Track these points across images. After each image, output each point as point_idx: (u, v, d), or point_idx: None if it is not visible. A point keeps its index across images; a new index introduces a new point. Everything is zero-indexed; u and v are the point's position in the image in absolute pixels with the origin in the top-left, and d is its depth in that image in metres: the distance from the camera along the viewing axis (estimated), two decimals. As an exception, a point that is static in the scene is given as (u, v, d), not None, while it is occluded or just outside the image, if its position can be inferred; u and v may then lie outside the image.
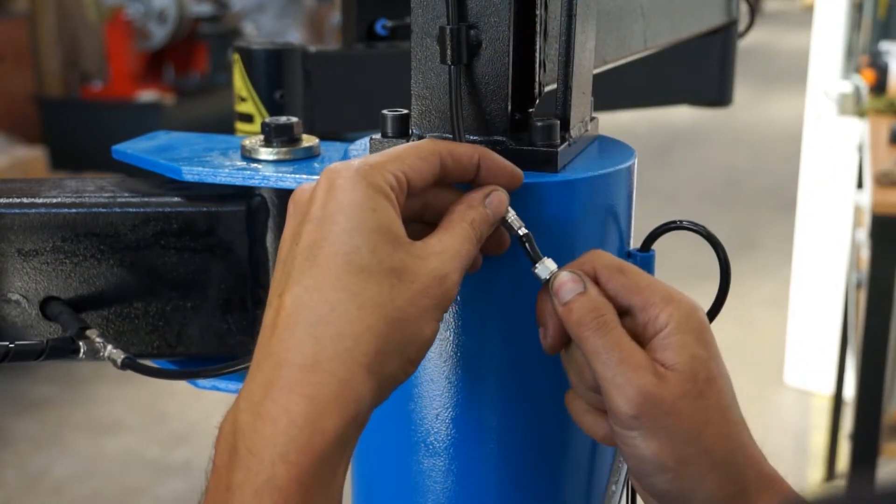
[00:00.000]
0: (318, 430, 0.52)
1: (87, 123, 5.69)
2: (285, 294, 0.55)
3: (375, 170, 0.57)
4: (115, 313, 0.82)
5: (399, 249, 0.56)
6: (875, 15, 4.19)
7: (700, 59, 1.51)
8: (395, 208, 0.57)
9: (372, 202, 0.56)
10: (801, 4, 15.81)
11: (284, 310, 0.55)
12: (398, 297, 0.55)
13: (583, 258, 0.63)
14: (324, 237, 0.55)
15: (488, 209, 0.61)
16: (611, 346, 0.60)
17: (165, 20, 5.82)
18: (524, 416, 0.69)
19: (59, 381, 4.07)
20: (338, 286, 0.54)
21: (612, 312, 0.61)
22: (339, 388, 0.53)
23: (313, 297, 0.54)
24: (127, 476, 3.48)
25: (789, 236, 4.22)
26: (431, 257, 0.57)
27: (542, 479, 0.71)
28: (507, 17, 0.64)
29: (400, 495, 0.72)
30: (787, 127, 8.15)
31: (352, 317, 0.54)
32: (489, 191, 0.61)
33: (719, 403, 0.60)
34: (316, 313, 0.54)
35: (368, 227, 0.55)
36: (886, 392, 2.73)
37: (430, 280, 0.56)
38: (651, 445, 0.59)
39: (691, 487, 0.60)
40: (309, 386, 0.53)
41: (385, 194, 0.56)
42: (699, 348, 0.60)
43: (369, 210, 0.55)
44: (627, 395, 0.59)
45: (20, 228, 0.80)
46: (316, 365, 0.53)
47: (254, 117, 1.25)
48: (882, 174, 2.72)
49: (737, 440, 0.61)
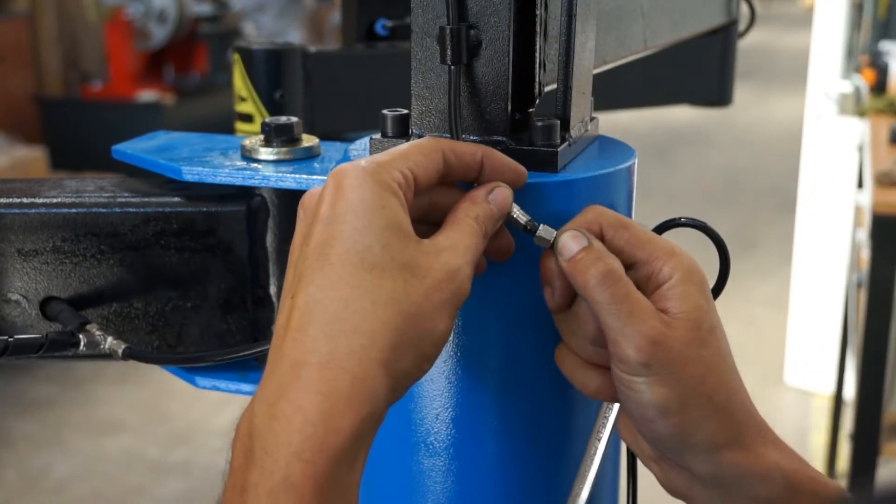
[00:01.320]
0: (333, 428, 0.52)
1: (87, 123, 5.70)
2: (297, 295, 0.55)
3: (383, 168, 0.57)
4: (115, 313, 0.82)
5: (410, 245, 0.56)
6: (875, 15, 4.19)
7: (700, 59, 1.51)
8: (404, 205, 0.57)
9: (381, 199, 0.56)
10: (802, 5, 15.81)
11: (297, 310, 0.55)
12: (413, 292, 0.55)
13: (587, 215, 0.64)
14: (334, 236, 0.55)
15: (492, 205, 0.61)
16: (618, 297, 0.61)
17: (165, 20, 5.82)
18: (524, 416, 0.69)
19: (60, 381, 4.07)
20: (352, 283, 0.54)
21: (617, 264, 0.62)
22: (353, 384, 0.52)
23: (327, 296, 0.54)
24: (127, 476, 3.48)
25: (789, 236, 4.22)
26: (442, 252, 0.57)
27: (542, 478, 0.71)
28: (507, 17, 0.64)
29: (400, 495, 0.72)
30: (788, 127, 8.16)
31: (367, 313, 0.54)
32: (492, 187, 0.62)
33: (720, 351, 0.63)
34: (330, 311, 0.54)
35: (379, 224, 0.55)
36: (886, 392, 2.73)
37: (442, 274, 0.56)
38: (657, 391, 0.61)
39: (691, 432, 0.62)
40: (324, 383, 0.52)
41: (393, 191, 0.56)
42: (702, 299, 0.62)
43: (378, 207, 0.55)
44: (637, 342, 0.60)
45: (20, 228, 0.80)
46: (331, 362, 0.53)
47: (254, 117, 1.25)
48: (882, 174, 2.72)
49: (734, 387, 0.63)
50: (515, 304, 0.67)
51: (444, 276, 0.56)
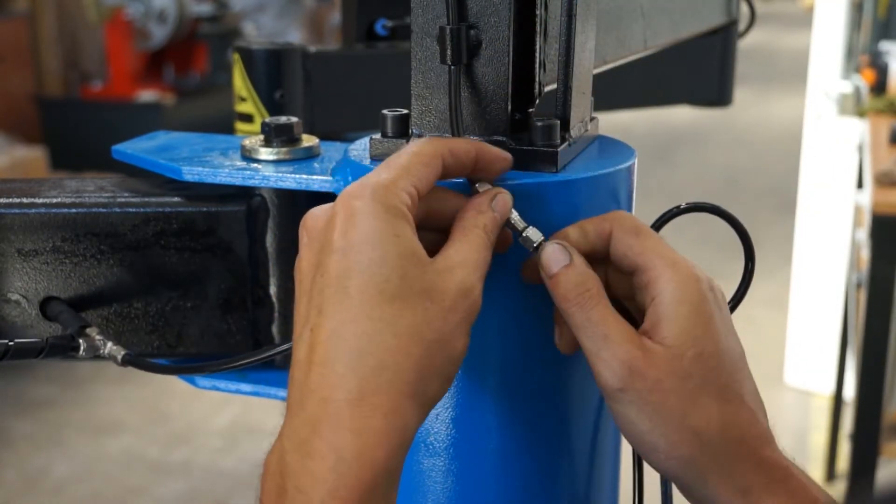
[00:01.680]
0: (367, 465, 0.52)
1: (87, 123, 5.70)
2: (319, 329, 0.55)
3: (390, 191, 0.56)
4: (115, 313, 0.82)
5: (426, 270, 0.56)
6: (875, 15, 4.19)
7: (700, 59, 1.51)
8: (413, 228, 0.57)
9: (394, 228, 0.55)
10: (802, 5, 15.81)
11: (321, 345, 0.54)
12: (432, 319, 0.55)
13: (605, 217, 0.64)
14: (351, 268, 0.55)
15: (496, 212, 0.61)
16: (595, 321, 0.60)
17: (165, 20, 5.82)
18: (524, 416, 0.69)
19: (60, 381, 4.07)
20: (373, 316, 0.54)
21: (597, 285, 0.61)
22: (385, 420, 0.53)
23: (350, 330, 0.54)
24: (127, 476, 3.48)
25: (789, 236, 4.22)
26: (455, 270, 0.57)
27: (542, 479, 0.71)
28: (507, 17, 0.64)
29: (400, 495, 0.72)
30: (787, 127, 8.15)
31: (390, 346, 0.54)
32: (494, 194, 0.61)
33: (711, 383, 0.59)
34: (354, 347, 0.54)
35: (395, 254, 0.55)
36: (886, 392, 2.73)
37: (457, 294, 0.56)
38: (642, 422, 0.59)
39: (689, 477, 0.59)
40: (355, 420, 0.52)
41: (403, 216, 0.56)
42: (692, 322, 0.59)
43: (393, 236, 0.55)
44: (612, 367, 0.59)
45: (20, 228, 0.80)
46: (361, 399, 0.53)
47: (254, 117, 1.25)
48: (882, 174, 2.72)
49: (736, 429, 0.59)
50: (515, 304, 0.67)
51: (458, 295, 0.56)
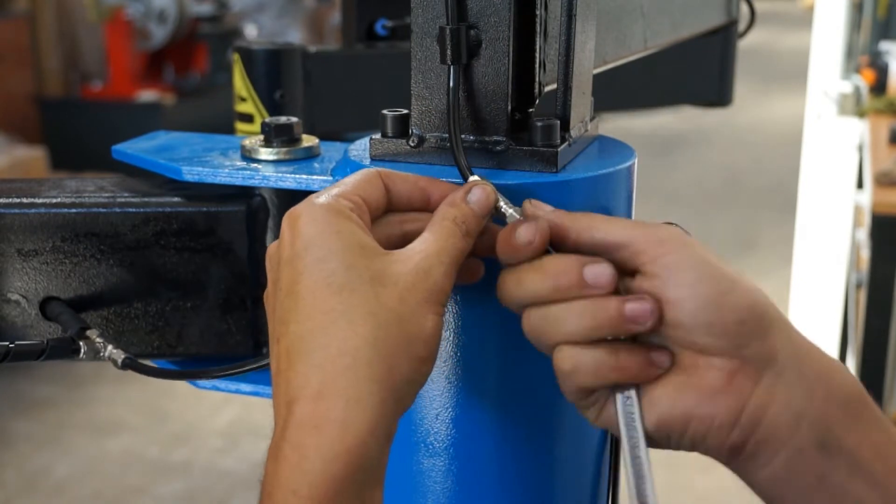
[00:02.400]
0: (329, 459, 0.51)
1: (87, 123, 5.70)
2: (282, 337, 0.56)
3: (331, 198, 0.58)
4: (115, 313, 0.82)
5: (375, 259, 0.56)
6: (875, 15, 4.20)
7: (700, 59, 1.51)
8: (361, 227, 0.58)
9: (335, 225, 0.57)
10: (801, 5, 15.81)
11: (284, 352, 0.55)
12: (386, 301, 0.55)
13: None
14: (299, 272, 0.56)
15: (473, 205, 0.61)
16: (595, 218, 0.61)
17: (165, 20, 5.82)
18: (524, 416, 0.69)
19: (60, 382, 4.08)
20: (324, 309, 0.54)
21: None
22: (347, 409, 0.52)
23: (305, 328, 0.55)
24: (127, 476, 3.48)
25: (789, 236, 4.22)
26: (412, 257, 0.57)
27: (542, 479, 0.71)
28: (507, 17, 0.64)
29: (400, 495, 0.72)
30: (787, 127, 8.16)
31: (345, 333, 0.54)
32: (471, 186, 0.61)
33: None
34: (312, 343, 0.54)
35: (338, 247, 0.56)
36: (886, 392, 2.73)
37: (413, 276, 0.56)
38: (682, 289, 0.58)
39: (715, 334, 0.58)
40: (316, 416, 0.52)
41: (346, 216, 0.57)
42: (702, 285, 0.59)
43: (334, 233, 0.56)
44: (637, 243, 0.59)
45: (20, 228, 0.80)
46: (322, 391, 0.53)
47: (254, 117, 1.25)
48: (882, 174, 2.72)
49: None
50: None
51: (415, 277, 0.56)
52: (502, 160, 0.67)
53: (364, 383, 0.53)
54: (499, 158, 0.67)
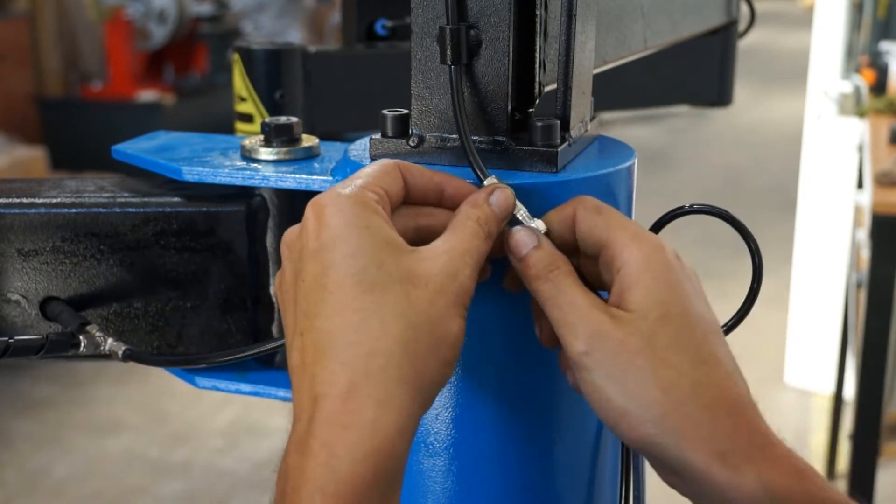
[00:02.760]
0: (359, 458, 0.51)
1: (87, 123, 5.70)
2: (308, 331, 0.55)
3: (356, 189, 0.58)
4: (115, 313, 0.82)
5: (404, 257, 0.56)
6: (875, 15, 4.19)
7: (700, 59, 1.51)
8: (385, 219, 0.57)
9: (364, 219, 0.56)
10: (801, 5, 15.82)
11: (310, 346, 0.55)
12: (417, 302, 0.55)
13: (567, 203, 0.63)
14: (327, 265, 0.55)
15: (494, 207, 0.61)
16: (562, 289, 0.60)
17: (165, 20, 5.82)
18: (524, 416, 0.69)
19: (60, 381, 4.07)
20: (355, 307, 0.54)
21: (566, 263, 0.61)
22: (377, 409, 0.52)
23: (334, 325, 0.54)
24: (127, 476, 3.48)
25: (789, 236, 4.22)
26: (439, 257, 0.57)
27: (542, 479, 0.71)
28: (507, 17, 0.64)
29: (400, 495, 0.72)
30: (788, 127, 8.15)
31: (376, 333, 0.54)
32: (493, 188, 0.62)
33: (681, 343, 0.58)
34: (342, 340, 0.54)
35: (368, 244, 0.55)
36: (886, 392, 2.73)
37: (442, 278, 0.56)
38: (608, 386, 0.58)
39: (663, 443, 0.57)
40: (346, 414, 0.52)
41: (374, 209, 0.57)
42: (657, 286, 0.59)
43: (363, 228, 0.56)
44: (577, 331, 0.58)
45: (20, 228, 0.80)
46: (352, 390, 0.53)
47: (254, 117, 1.25)
48: (882, 174, 2.72)
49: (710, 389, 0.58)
50: (515, 305, 0.67)
51: (444, 279, 0.56)
52: (502, 160, 0.67)
53: (394, 384, 0.53)
54: (499, 158, 0.67)
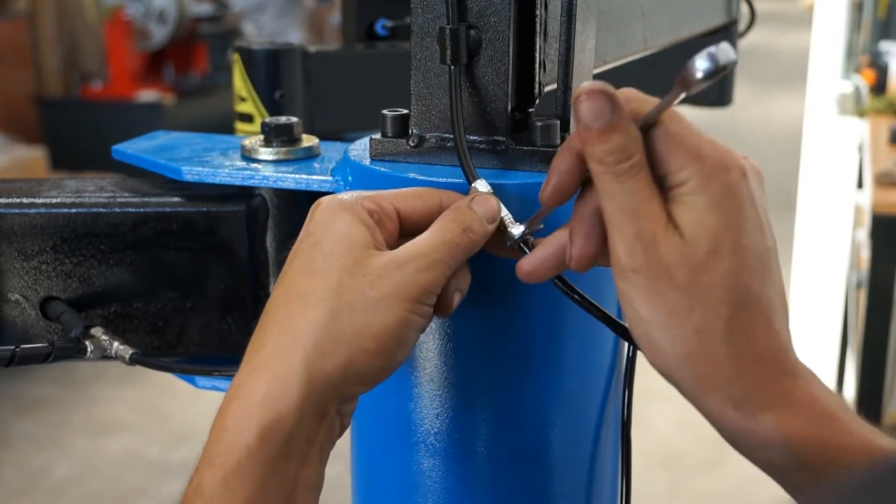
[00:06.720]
0: (244, 429, 0.54)
1: (87, 123, 5.70)
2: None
3: (355, 197, 0.60)
4: (115, 313, 0.82)
5: (357, 251, 0.57)
6: (875, 15, 4.20)
7: (700, 59, 1.51)
8: (367, 226, 0.58)
9: (338, 218, 0.58)
10: (801, 5, 15.82)
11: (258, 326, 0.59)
12: (346, 290, 0.56)
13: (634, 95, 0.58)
14: (294, 255, 0.59)
15: (476, 209, 0.60)
16: (629, 191, 0.54)
17: (165, 20, 5.82)
18: (524, 415, 0.69)
19: (60, 382, 4.07)
20: (289, 289, 0.58)
21: (640, 153, 0.54)
22: (270, 384, 0.55)
23: (272, 306, 0.58)
24: (127, 476, 3.48)
25: (789, 236, 4.22)
26: (396, 253, 0.58)
27: (542, 478, 0.71)
28: (507, 17, 0.64)
29: (400, 495, 0.72)
30: (788, 127, 8.15)
31: (294, 314, 0.56)
32: (473, 195, 0.61)
33: (726, 284, 0.54)
34: (267, 320, 0.58)
35: (330, 237, 0.58)
36: (886, 392, 2.73)
37: (383, 269, 0.57)
38: (643, 308, 0.54)
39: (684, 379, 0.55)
40: (246, 388, 0.55)
41: (355, 213, 0.59)
42: (712, 215, 0.54)
43: (331, 222, 0.58)
44: (629, 243, 0.54)
45: (20, 228, 0.80)
46: (259, 366, 0.56)
47: (254, 117, 1.25)
48: (882, 174, 2.72)
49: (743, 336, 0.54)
50: (514, 304, 0.67)
51: (384, 269, 0.57)
52: (502, 160, 0.67)
53: (292, 363, 0.55)
54: (499, 158, 0.67)
